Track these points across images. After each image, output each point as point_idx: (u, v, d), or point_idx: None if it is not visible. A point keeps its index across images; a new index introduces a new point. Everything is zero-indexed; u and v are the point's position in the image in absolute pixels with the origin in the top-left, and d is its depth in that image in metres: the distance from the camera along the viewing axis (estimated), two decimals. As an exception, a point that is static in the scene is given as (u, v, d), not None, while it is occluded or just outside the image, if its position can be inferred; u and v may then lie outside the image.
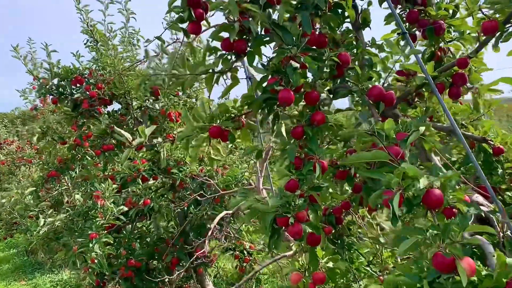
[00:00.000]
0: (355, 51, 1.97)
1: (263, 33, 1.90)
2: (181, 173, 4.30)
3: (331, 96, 1.88)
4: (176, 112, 4.93)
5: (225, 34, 1.95)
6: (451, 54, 2.27)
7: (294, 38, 1.77)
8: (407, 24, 2.19)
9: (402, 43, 2.29)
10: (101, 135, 4.91)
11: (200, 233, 4.51)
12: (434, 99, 2.28)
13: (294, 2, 1.82)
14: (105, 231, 3.77)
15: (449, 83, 2.04)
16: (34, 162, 8.31)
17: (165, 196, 4.57)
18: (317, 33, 1.88)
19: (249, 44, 1.96)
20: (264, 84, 1.82)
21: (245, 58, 2.12)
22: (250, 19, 1.87)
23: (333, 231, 2.70)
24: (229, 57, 1.99)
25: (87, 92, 4.69)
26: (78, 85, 4.89)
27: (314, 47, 1.84)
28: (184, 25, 2.07)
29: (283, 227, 1.82)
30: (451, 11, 2.19)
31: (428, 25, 2.11)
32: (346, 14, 2.03)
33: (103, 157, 4.86)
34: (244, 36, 1.97)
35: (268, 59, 1.82)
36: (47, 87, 4.80)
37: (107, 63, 4.67)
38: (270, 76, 1.78)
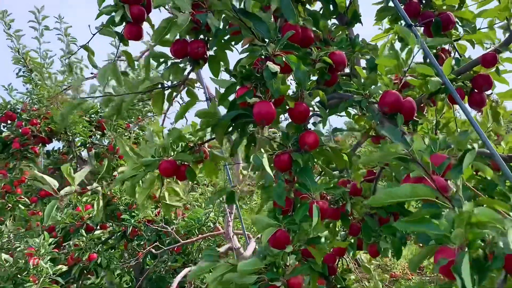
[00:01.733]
0: (350, 50, 1.48)
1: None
2: (133, 219, 3.64)
3: (326, 110, 1.37)
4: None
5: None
6: (459, 56, 1.84)
7: (270, 31, 1.26)
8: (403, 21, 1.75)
9: (398, 45, 1.85)
10: (37, 179, 4.18)
11: (160, 288, 3.82)
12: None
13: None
14: (40, 299, 3.03)
15: (468, 88, 1.58)
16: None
17: (116, 247, 3.87)
18: (299, 25, 1.37)
19: (209, 47, 1.45)
20: (231, 97, 1.29)
21: (202, 71, 1.59)
22: (209, 13, 1.34)
23: (325, 284, 2.15)
24: (182, 65, 1.45)
25: (19, 130, 3.99)
26: (9, 121, 4.19)
27: (297, 44, 1.32)
28: (120, 29, 1.53)
29: (271, 301, 1.26)
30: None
31: (433, 17, 1.67)
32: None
33: (42, 204, 4.13)
34: (202, 36, 1.45)
35: (236, 62, 1.29)
36: (-30, 125, 4.07)
37: (43, 95, 4.01)
38: (239, 86, 1.25)
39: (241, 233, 2.52)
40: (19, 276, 3.17)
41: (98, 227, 3.76)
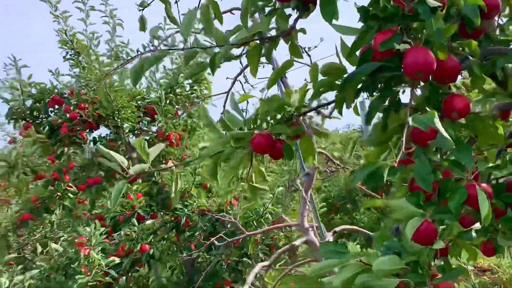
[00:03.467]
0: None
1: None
2: (187, 209, 3.41)
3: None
4: (177, 134, 4.07)
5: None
6: None
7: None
8: None
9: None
10: (86, 166, 4.03)
11: (213, 283, 3.57)
12: None
13: None
14: (92, 291, 2.85)
15: None
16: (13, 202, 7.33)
17: (166, 238, 3.66)
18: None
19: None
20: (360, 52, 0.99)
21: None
22: None
23: None
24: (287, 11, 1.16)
25: (67, 114, 3.83)
26: (56, 106, 4.04)
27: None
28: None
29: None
30: None
31: None
32: None
33: (89, 193, 3.96)
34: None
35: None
36: (18, 110, 3.94)
37: (91, 79, 3.83)
38: (376, 29, 0.95)
39: (316, 226, 2.22)
40: (71, 266, 2.99)
41: (149, 217, 3.55)
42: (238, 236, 3.03)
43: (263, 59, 2.38)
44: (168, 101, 4.35)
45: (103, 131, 4.44)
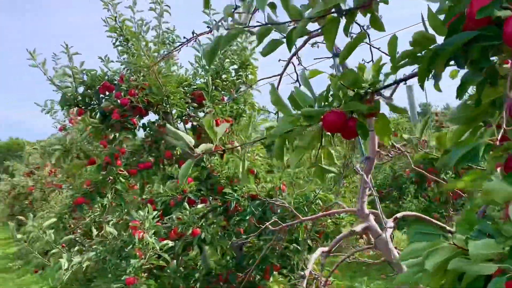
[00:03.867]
0: None
1: None
2: (236, 193, 3.41)
3: None
4: (224, 120, 4.06)
5: None
6: None
7: None
8: None
9: None
10: (137, 151, 4.10)
11: (262, 268, 3.57)
12: None
13: None
14: (146, 274, 2.90)
15: None
16: (64, 187, 7.64)
17: (216, 223, 3.68)
18: None
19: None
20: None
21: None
22: None
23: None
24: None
25: (118, 100, 3.89)
26: (107, 92, 4.12)
27: None
28: None
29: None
30: None
31: None
32: None
33: (140, 177, 4.04)
34: None
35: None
36: (71, 97, 4.04)
37: (140, 65, 3.86)
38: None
39: (376, 213, 2.15)
40: (125, 249, 3.06)
41: (199, 201, 3.58)
42: (288, 222, 3.00)
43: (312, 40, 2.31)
44: (214, 87, 4.35)
45: (151, 117, 4.51)
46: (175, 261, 3.67)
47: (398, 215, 2.19)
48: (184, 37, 2.62)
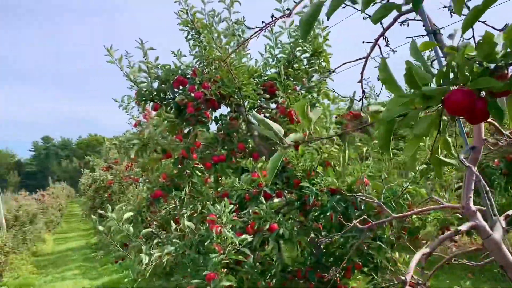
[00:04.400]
0: None
1: None
2: (315, 187, 3.24)
3: None
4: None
5: None
6: None
7: None
8: None
9: None
10: (210, 144, 4.06)
11: (342, 266, 3.37)
12: None
13: None
14: (225, 269, 2.84)
15: None
16: (140, 181, 7.91)
17: (292, 218, 3.54)
18: None
19: None
20: None
21: None
22: None
23: None
24: None
25: (192, 94, 3.88)
26: (181, 87, 4.12)
27: None
28: None
29: None
30: None
31: None
32: None
33: (214, 170, 4.00)
34: None
35: None
36: (147, 92, 4.09)
37: (213, 57, 3.81)
38: None
39: (483, 209, 1.88)
40: (204, 243, 3.02)
41: (275, 195, 3.46)
42: (372, 218, 2.78)
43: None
44: (286, 76, 4.20)
45: (222, 110, 4.46)
46: (251, 256, 3.58)
47: (510, 212, 1.91)
48: (262, 22, 2.45)
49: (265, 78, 4.37)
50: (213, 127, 4.41)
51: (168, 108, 4.09)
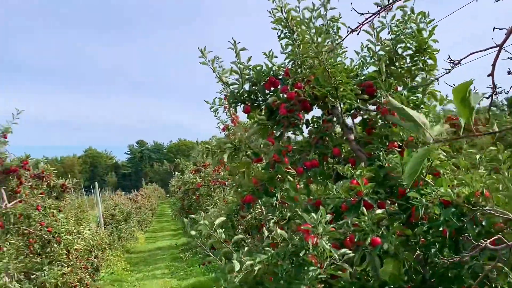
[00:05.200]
0: None
1: None
2: (424, 198, 2.86)
3: None
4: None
5: None
6: None
7: None
8: None
9: None
10: (302, 148, 3.83)
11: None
12: None
13: None
14: (322, 285, 2.57)
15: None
16: (228, 184, 7.92)
17: (394, 231, 3.16)
18: None
19: None
20: None
21: None
22: None
23: None
24: None
25: (284, 95, 3.68)
26: (272, 88, 3.95)
27: None
28: None
29: None
30: None
31: None
32: None
33: (306, 176, 3.76)
34: None
35: None
36: (238, 94, 3.97)
37: (308, 55, 3.58)
38: None
39: None
40: (298, 255, 2.79)
41: (376, 206, 3.12)
42: (493, 236, 2.34)
43: None
44: (388, 75, 3.84)
45: (314, 112, 4.21)
46: (348, 270, 3.27)
47: None
48: (365, 11, 2.19)
49: (362, 78, 4.05)
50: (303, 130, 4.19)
51: (259, 110, 3.94)
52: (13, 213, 7.03)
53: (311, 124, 4.10)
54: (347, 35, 2.53)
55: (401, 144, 3.54)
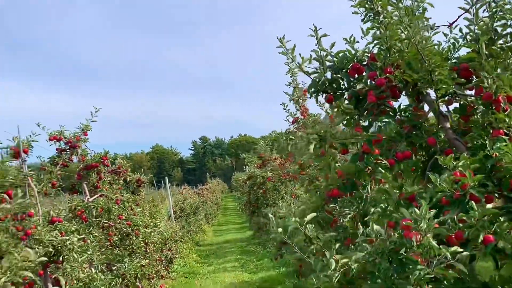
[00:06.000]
0: None
1: None
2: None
3: None
4: (507, 96, 3.17)
5: None
6: None
7: None
8: None
9: None
10: (393, 138, 3.58)
11: None
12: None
13: None
14: (430, 286, 2.35)
15: None
16: (299, 178, 7.76)
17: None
18: None
19: None
20: None
21: None
22: None
23: None
24: None
25: (372, 81, 3.45)
26: (357, 75, 3.72)
27: None
28: None
29: None
30: None
31: None
32: None
33: (398, 168, 3.51)
34: None
35: None
36: (320, 83, 3.79)
37: (398, 37, 3.32)
38: None
39: None
40: (399, 252, 2.57)
41: (484, 200, 2.82)
42: None
43: None
44: (488, 56, 3.47)
45: (402, 100, 3.93)
46: (450, 270, 3.00)
47: None
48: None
49: (454, 61, 3.71)
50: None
51: (343, 98, 3.73)
52: (95, 207, 7.35)
53: (399, 113, 3.83)
54: (457, 19, 2.27)
55: (507, 132, 3.18)
